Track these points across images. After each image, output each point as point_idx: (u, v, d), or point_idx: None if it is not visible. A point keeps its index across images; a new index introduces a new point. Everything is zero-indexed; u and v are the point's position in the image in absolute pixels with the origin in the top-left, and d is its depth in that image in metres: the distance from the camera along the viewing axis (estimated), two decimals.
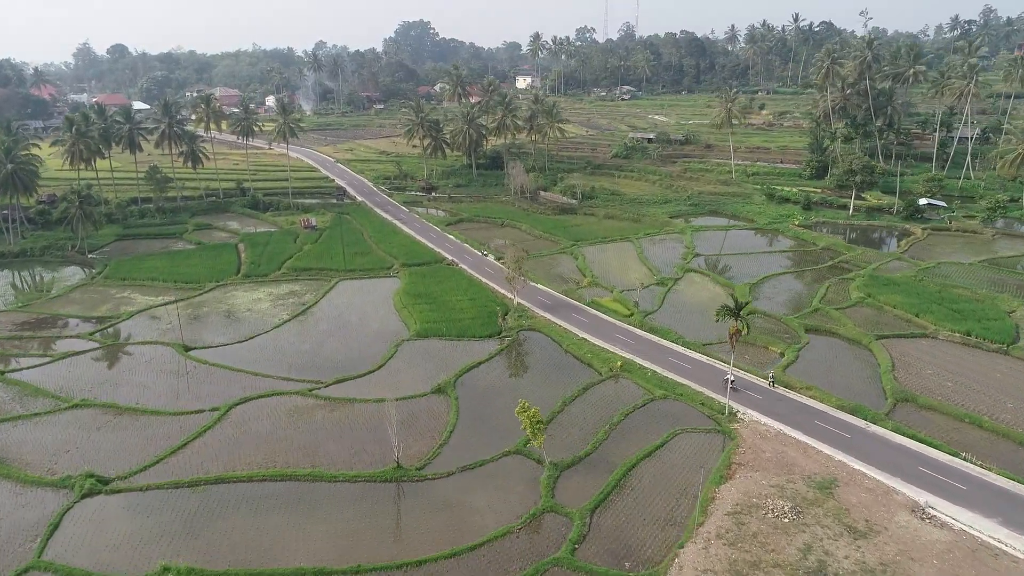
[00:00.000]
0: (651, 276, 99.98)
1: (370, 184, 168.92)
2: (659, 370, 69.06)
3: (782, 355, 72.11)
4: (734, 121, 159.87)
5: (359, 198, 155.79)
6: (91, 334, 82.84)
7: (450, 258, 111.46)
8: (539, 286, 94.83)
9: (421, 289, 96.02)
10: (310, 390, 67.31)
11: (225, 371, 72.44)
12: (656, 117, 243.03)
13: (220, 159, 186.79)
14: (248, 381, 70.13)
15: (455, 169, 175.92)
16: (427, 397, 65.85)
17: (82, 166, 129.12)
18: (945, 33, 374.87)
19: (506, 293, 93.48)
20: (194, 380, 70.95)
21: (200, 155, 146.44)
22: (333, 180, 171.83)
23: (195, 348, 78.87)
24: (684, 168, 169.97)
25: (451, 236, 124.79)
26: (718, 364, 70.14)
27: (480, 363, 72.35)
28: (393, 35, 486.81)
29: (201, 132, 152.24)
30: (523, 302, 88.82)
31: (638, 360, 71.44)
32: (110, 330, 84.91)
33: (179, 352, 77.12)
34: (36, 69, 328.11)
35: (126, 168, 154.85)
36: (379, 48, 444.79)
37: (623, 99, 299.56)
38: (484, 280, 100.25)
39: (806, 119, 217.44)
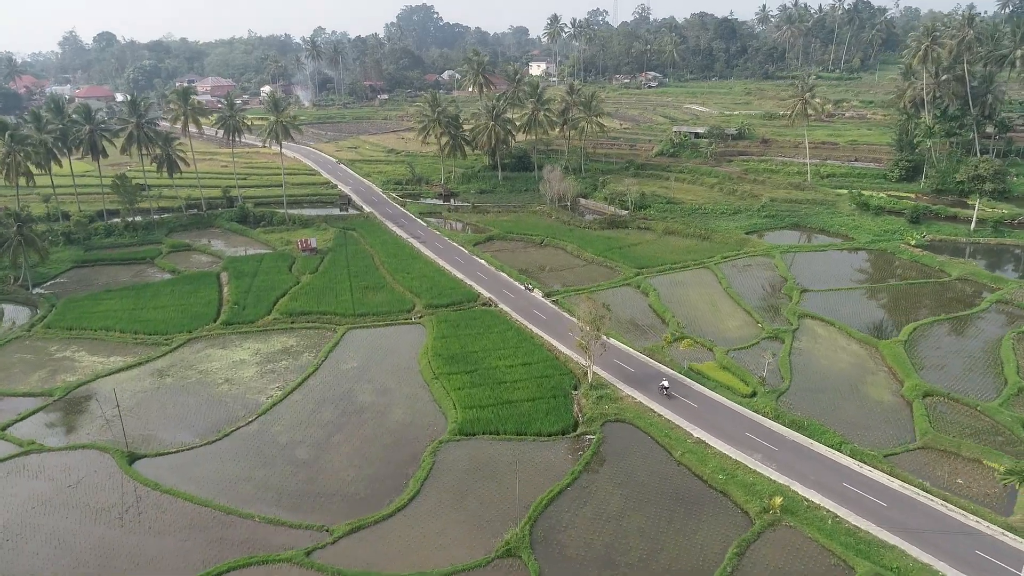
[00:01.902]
0: (754, 324, 76.47)
1: (379, 190, 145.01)
2: (840, 511, 45.55)
3: (1008, 477, 48.22)
4: (810, 112, 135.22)
5: (367, 208, 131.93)
6: (3, 429, 59.47)
7: (486, 295, 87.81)
8: (611, 340, 71.24)
9: (455, 347, 72.48)
10: (308, 552, 43.89)
11: (184, 504, 49.01)
12: (694, 107, 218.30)
13: (206, 160, 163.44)
14: (216, 527, 46.77)
15: (476, 171, 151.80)
16: (492, 566, 42.43)
17: (22, 182, 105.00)
18: (983, 12, 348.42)
19: (568, 352, 70.16)
20: (136, 523, 47.57)
21: (177, 159, 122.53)
22: (335, 186, 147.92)
23: (144, 456, 55.50)
24: (744, 168, 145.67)
25: (482, 261, 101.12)
26: (922, 498, 46.49)
27: (560, 491, 48.84)
28: (395, 20, 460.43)
29: (178, 130, 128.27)
30: (599, 371, 65.32)
31: (798, 488, 47.92)
32: (30, 420, 61.54)
33: (120, 464, 53.72)
34: (11, 60, 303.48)
35: (92, 174, 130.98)
36: (380, 34, 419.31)
37: (650, 86, 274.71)
38: (535, 330, 76.74)
39: (868, 107, 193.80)
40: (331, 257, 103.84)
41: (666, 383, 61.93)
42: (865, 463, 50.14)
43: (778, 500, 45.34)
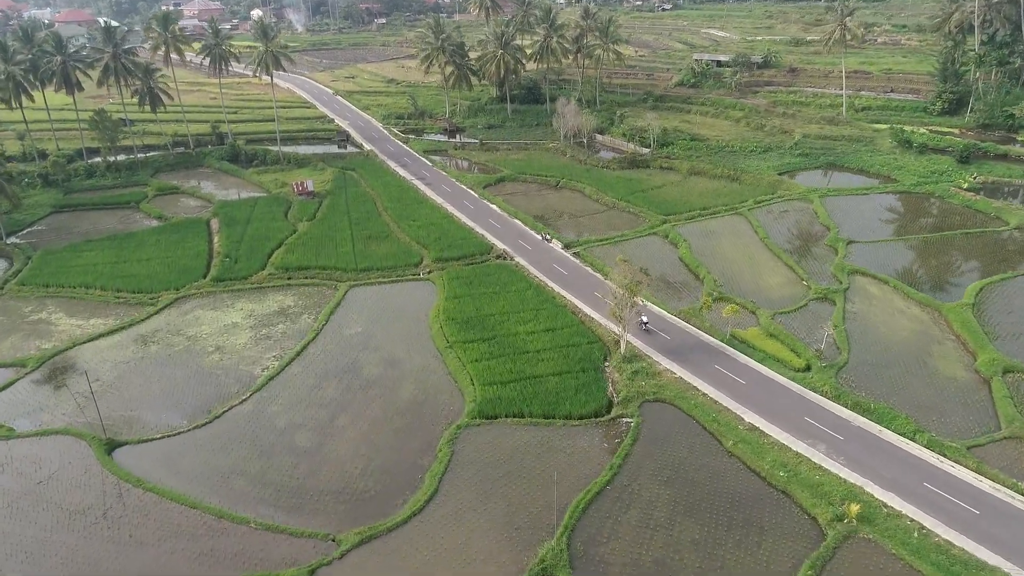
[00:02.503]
0: (799, 282, 69.28)
1: (379, 125, 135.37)
2: (926, 520, 39.38)
3: None
4: (849, 39, 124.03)
5: (367, 146, 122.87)
6: None
7: (500, 246, 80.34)
8: (643, 302, 64.07)
9: (469, 309, 65.51)
10: (312, 570, 37.84)
11: (170, 506, 42.96)
12: (712, 31, 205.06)
13: (194, 92, 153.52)
14: (206, 535, 40.76)
15: (483, 104, 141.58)
16: None
17: None
18: None
19: (595, 315, 63.38)
20: (115, 529, 41.63)
21: (159, 93, 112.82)
22: (332, 120, 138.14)
23: (125, 443, 49.32)
24: (772, 100, 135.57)
25: (494, 206, 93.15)
26: (1020, 504, 40.21)
27: (598, 492, 42.66)
28: None
29: (160, 60, 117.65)
30: (632, 340, 58.54)
31: (874, 491, 41.65)
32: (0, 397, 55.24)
33: (98, 455, 47.57)
34: None
35: (71, 109, 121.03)
36: None
37: (663, 9, 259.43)
38: (556, 288, 69.66)
39: (901, 32, 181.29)
40: (330, 202, 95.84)
41: (645, 318, 60.82)
42: (946, 457, 43.82)
43: (855, 508, 39.08)
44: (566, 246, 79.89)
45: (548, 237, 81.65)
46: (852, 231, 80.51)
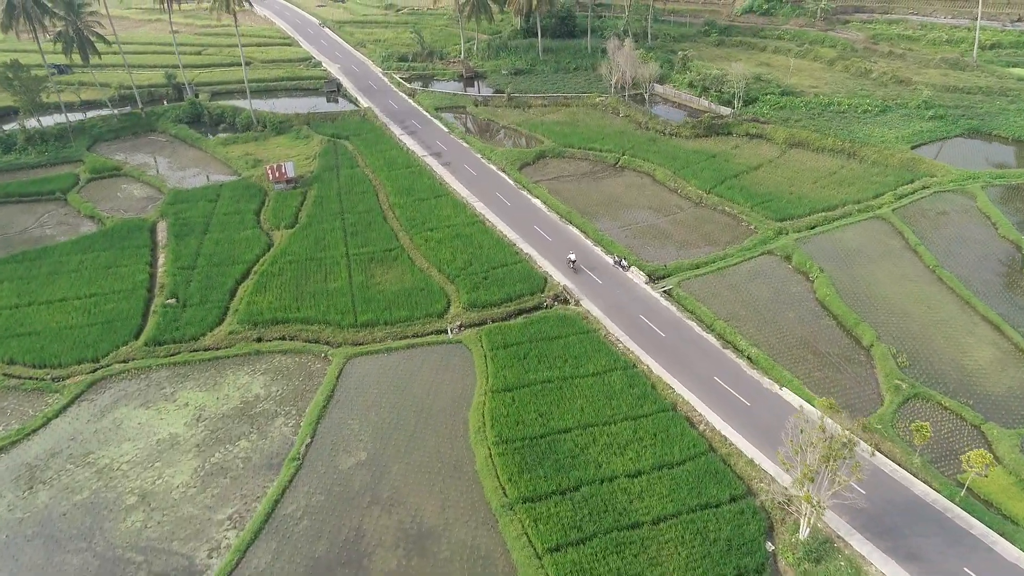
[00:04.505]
0: (1017, 354, 46.26)
1: (377, 71, 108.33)
2: None
3: None
4: None
5: (363, 101, 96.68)
6: None
7: (558, 278, 56.68)
8: (784, 391, 41.44)
9: (530, 415, 42.58)
10: None
11: None
12: None
13: (147, 24, 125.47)
14: None
15: (506, 39, 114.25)
16: None
17: None
18: None
19: (728, 431, 40.87)
20: None
21: (90, 36, 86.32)
22: (319, 64, 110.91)
23: None
24: (871, 35, 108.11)
25: (537, 201, 69.02)
26: None
27: None
28: None
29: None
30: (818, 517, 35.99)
31: None
32: None
33: None
34: None
35: None
36: None
37: None
38: (656, 367, 46.66)
39: None
40: (317, 194, 71.70)
41: (573, 256, 56.97)
42: None
43: None
44: (650, 276, 56.32)
45: (624, 263, 57.85)
46: None
